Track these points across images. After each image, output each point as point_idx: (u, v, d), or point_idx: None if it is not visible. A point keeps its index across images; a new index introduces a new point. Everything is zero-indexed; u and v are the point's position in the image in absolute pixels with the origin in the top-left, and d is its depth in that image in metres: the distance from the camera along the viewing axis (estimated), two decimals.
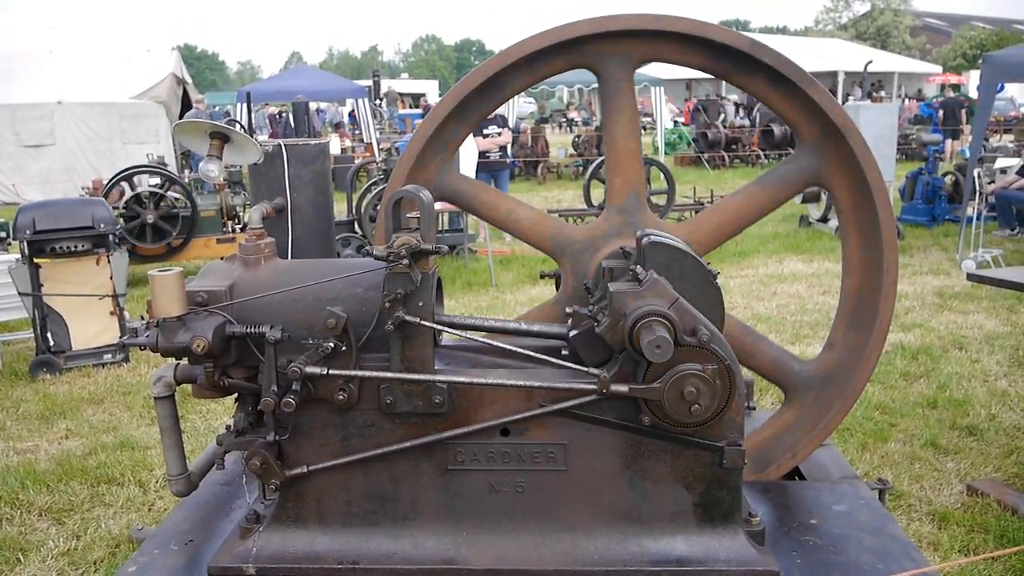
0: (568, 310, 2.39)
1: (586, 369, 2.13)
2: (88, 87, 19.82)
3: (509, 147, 15.08)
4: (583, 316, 2.27)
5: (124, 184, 11.24)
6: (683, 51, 2.73)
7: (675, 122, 27.89)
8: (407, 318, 2.10)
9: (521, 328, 2.42)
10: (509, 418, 2.18)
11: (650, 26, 2.64)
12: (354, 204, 11.41)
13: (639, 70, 2.91)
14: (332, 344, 2.11)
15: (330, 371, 2.12)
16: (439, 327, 2.21)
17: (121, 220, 10.02)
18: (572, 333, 2.26)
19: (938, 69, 42.74)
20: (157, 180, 11.18)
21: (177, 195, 10.88)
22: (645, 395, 2.07)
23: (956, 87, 31.69)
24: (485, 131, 13.20)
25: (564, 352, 2.30)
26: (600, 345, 2.18)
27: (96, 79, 20.19)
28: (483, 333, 2.43)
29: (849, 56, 34.21)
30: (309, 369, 2.09)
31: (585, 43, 2.69)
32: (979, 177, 11.60)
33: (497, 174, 13.61)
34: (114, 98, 19.60)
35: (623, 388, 2.08)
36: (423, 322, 2.12)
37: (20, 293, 7.36)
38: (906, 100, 34.32)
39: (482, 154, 13.12)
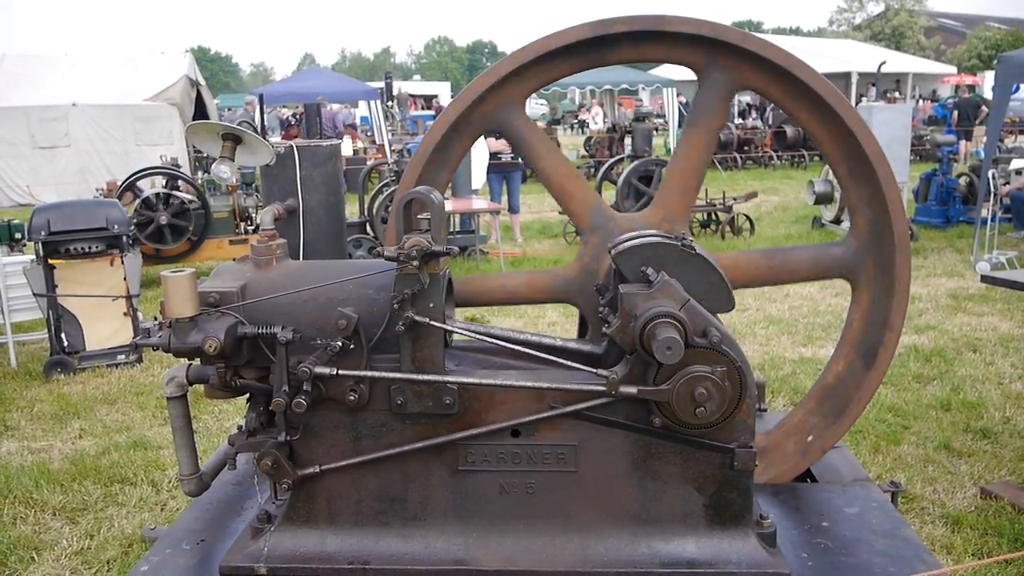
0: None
1: (595, 371, 2.13)
2: (102, 89, 19.94)
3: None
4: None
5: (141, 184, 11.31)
6: (778, 90, 2.74)
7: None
8: (417, 319, 2.11)
9: (556, 346, 2.42)
10: (519, 420, 2.18)
11: (780, 61, 2.64)
12: (366, 205, 11.44)
13: (651, 71, 2.92)
14: (340, 343, 2.12)
15: (341, 372, 2.13)
16: (449, 328, 2.21)
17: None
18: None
19: (953, 70, 42.46)
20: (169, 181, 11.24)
21: (189, 196, 10.91)
22: (654, 397, 2.07)
23: (971, 88, 31.50)
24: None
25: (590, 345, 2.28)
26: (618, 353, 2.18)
27: (110, 81, 20.32)
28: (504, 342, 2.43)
29: (862, 57, 34.00)
30: (319, 369, 2.10)
31: (719, 47, 2.69)
32: (994, 178, 11.52)
33: (509, 175, 13.60)
34: (128, 100, 19.71)
35: (632, 390, 2.08)
36: (433, 323, 2.13)
37: (35, 294, 7.41)
38: (920, 101, 34.14)
39: (493, 155, 13.12)
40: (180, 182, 11.24)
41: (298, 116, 27.02)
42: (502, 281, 2.96)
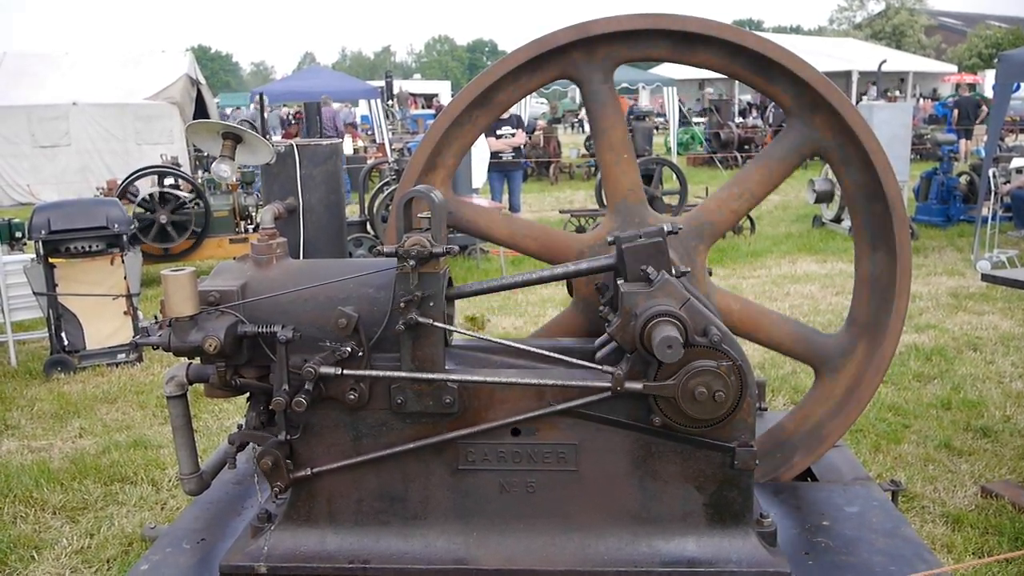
0: (609, 239, 2.30)
1: (599, 367, 2.13)
2: (103, 88, 19.94)
3: (522, 147, 15.06)
4: (626, 239, 2.23)
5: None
6: (644, 47, 2.73)
7: (689, 121, 27.77)
8: (419, 319, 2.11)
9: (568, 270, 2.43)
10: (520, 416, 2.18)
11: (617, 27, 2.64)
12: (366, 204, 11.43)
13: (652, 70, 2.91)
14: (349, 349, 2.12)
15: (348, 372, 2.13)
16: (450, 327, 2.21)
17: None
18: (610, 238, 2.25)
19: (953, 68, 42.46)
20: (170, 180, 11.24)
21: (188, 195, 10.90)
22: (660, 392, 2.06)
23: (971, 87, 31.49)
24: (499, 131, 13.19)
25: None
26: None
27: (111, 80, 20.31)
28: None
29: (863, 56, 34.00)
30: (324, 369, 2.10)
31: (563, 54, 2.69)
32: (994, 177, 11.51)
33: (510, 174, 13.60)
34: (128, 99, 19.71)
35: (637, 386, 2.08)
36: (434, 322, 2.13)
37: (35, 293, 7.40)
38: (921, 100, 34.13)
39: (495, 154, 13.12)
40: (174, 179, 11.22)
41: (294, 116, 27.00)
42: (516, 228, 2.93)
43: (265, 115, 16.23)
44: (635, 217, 2.77)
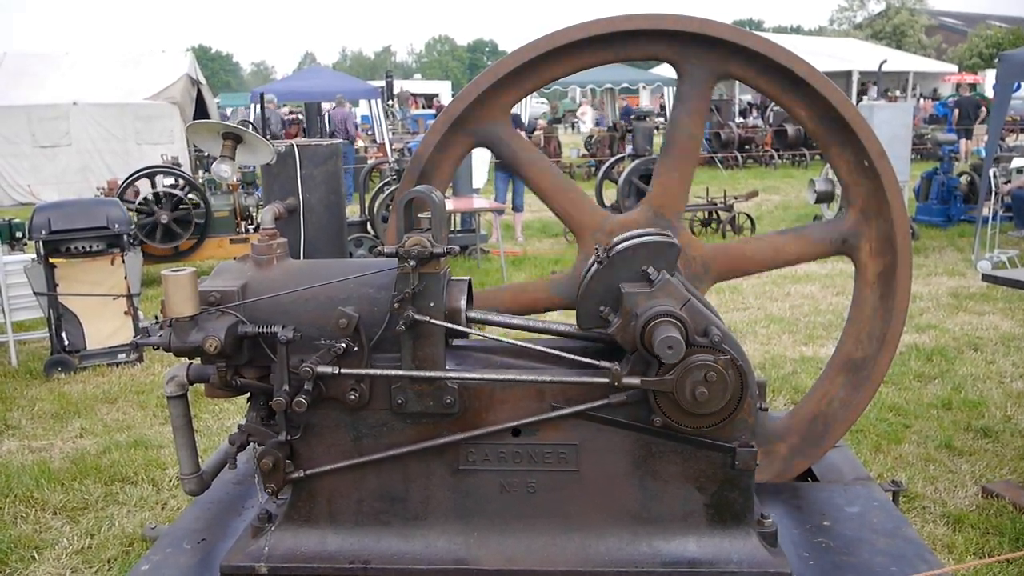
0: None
1: (597, 363, 2.13)
2: (103, 88, 19.95)
3: None
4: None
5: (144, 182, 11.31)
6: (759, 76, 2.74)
7: None
8: (418, 317, 2.11)
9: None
10: (521, 421, 2.18)
11: (758, 48, 2.64)
12: (366, 204, 11.44)
13: (652, 70, 2.91)
14: (344, 344, 2.12)
15: (342, 370, 2.13)
16: (449, 326, 2.21)
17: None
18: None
19: (954, 68, 42.44)
20: (172, 180, 11.24)
21: (190, 195, 10.91)
22: (657, 387, 2.06)
23: (972, 86, 31.48)
24: None
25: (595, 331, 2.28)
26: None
27: (111, 80, 20.33)
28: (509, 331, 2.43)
29: (863, 56, 34.00)
30: (321, 369, 2.09)
31: (690, 41, 2.68)
32: (995, 177, 11.51)
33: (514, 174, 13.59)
34: (129, 99, 19.72)
35: (635, 381, 2.07)
36: (433, 321, 2.13)
37: (35, 293, 7.41)
38: (921, 100, 34.11)
39: None
40: (175, 180, 11.22)
41: (288, 118, 27.03)
42: (525, 295, 2.94)
43: (261, 115, 16.21)
44: (663, 223, 2.78)
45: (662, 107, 29.29)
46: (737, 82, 23.56)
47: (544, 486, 2.22)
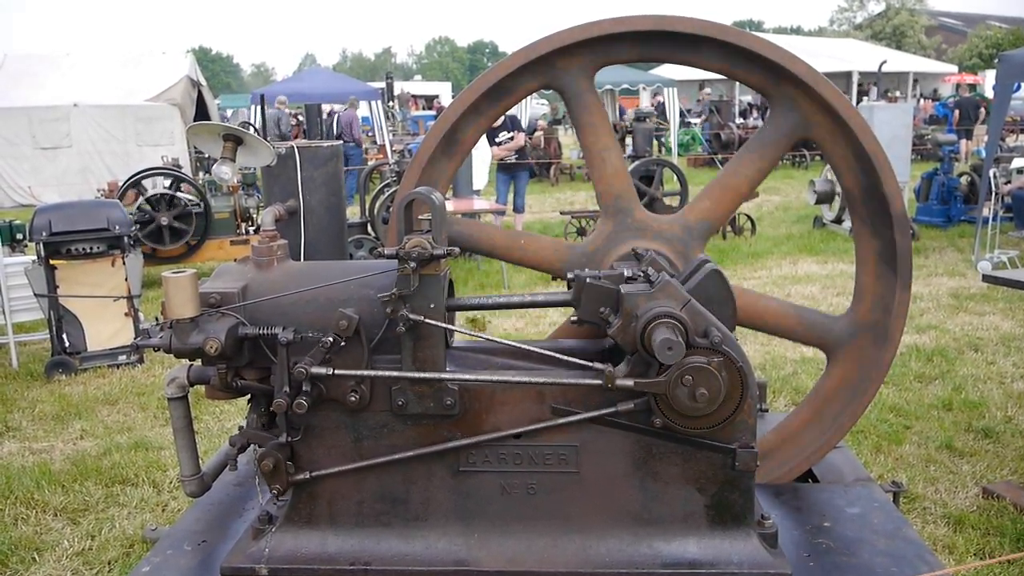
0: (569, 275, 2.34)
1: (592, 364, 2.13)
2: (104, 89, 19.97)
3: (526, 147, 15.09)
4: (584, 279, 2.24)
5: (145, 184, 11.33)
6: (632, 49, 2.74)
7: (688, 123, 27.77)
8: (416, 318, 2.11)
9: (525, 300, 2.46)
10: (522, 429, 2.18)
11: (599, 32, 2.64)
12: (367, 206, 11.44)
13: (652, 71, 2.91)
14: (332, 339, 2.11)
15: (342, 372, 2.13)
16: (450, 328, 2.21)
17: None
18: (571, 275, 2.26)
19: (954, 69, 42.44)
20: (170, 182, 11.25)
21: (190, 196, 10.91)
22: (650, 389, 2.06)
23: (972, 87, 31.48)
24: (497, 138, 13.20)
25: (573, 315, 2.29)
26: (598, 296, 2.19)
27: (111, 82, 20.35)
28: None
29: (863, 56, 34.01)
30: (315, 369, 2.10)
31: (551, 59, 2.70)
32: (995, 177, 11.51)
33: (516, 175, 13.61)
34: (129, 100, 19.74)
35: (628, 382, 2.07)
36: (433, 323, 2.13)
37: (36, 294, 7.41)
38: (921, 100, 34.10)
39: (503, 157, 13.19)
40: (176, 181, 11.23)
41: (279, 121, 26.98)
42: (523, 240, 2.94)
43: (261, 117, 16.22)
44: (628, 219, 2.78)
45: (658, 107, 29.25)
46: (737, 83, 23.57)
47: (544, 487, 2.22)
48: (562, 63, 2.73)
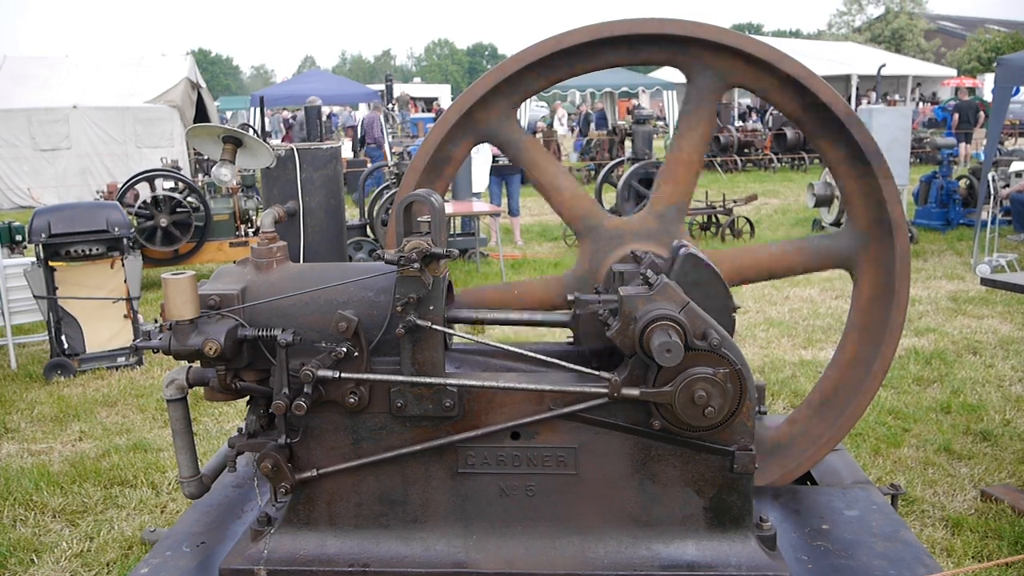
0: (570, 297, 2.37)
1: (597, 373, 2.13)
2: (103, 91, 19.99)
3: None
4: (585, 303, 2.26)
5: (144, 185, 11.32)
6: (778, 94, 2.73)
7: None
8: (418, 322, 2.11)
9: (524, 318, 2.43)
10: (519, 421, 2.18)
11: (763, 55, 2.64)
12: (366, 208, 11.44)
13: (651, 74, 2.92)
14: (345, 349, 2.12)
15: (342, 374, 2.13)
16: (450, 331, 2.22)
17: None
18: (575, 311, 2.26)
19: (953, 72, 42.51)
20: (171, 184, 11.25)
21: (189, 198, 10.91)
22: (656, 399, 2.07)
23: (971, 90, 31.52)
24: None
25: (569, 337, 2.31)
26: (599, 329, 2.19)
27: (111, 83, 20.36)
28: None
29: (862, 60, 34.08)
30: (321, 372, 2.10)
31: (693, 46, 2.69)
32: (994, 181, 11.52)
33: (508, 178, 13.61)
34: (129, 102, 19.75)
35: (634, 392, 2.08)
36: (434, 326, 2.13)
37: (35, 296, 7.41)
38: (920, 103, 34.15)
39: (492, 157, 13.15)
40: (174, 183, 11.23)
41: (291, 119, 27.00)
42: (557, 171, 2.90)
43: (261, 118, 16.24)
44: (668, 227, 2.78)
45: (661, 110, 29.27)
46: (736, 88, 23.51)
47: (543, 489, 2.22)
48: (481, 116, 2.77)
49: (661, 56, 2.76)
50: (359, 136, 18.88)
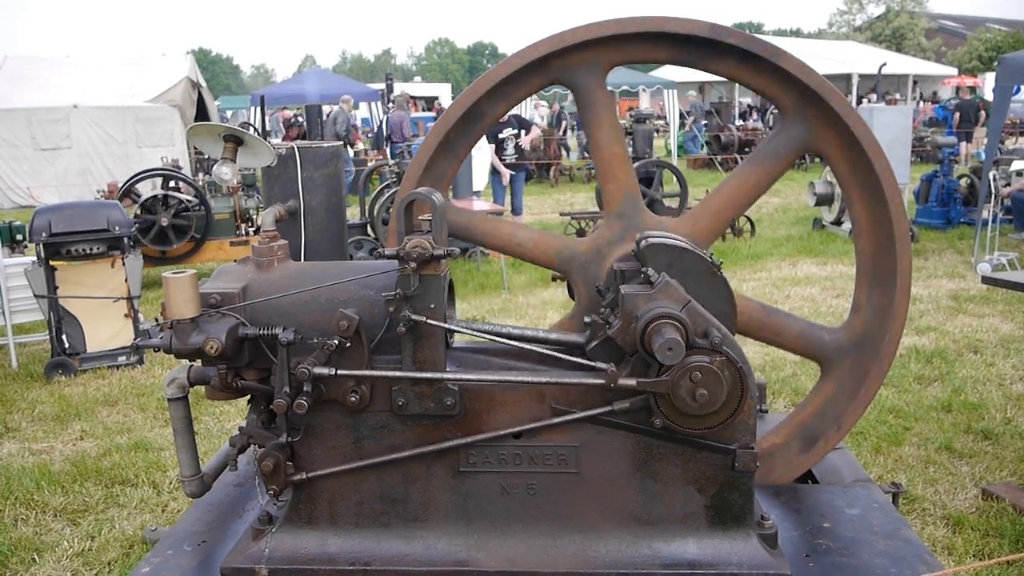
0: (587, 319, 2.37)
1: (594, 364, 2.13)
2: (103, 91, 20.00)
3: (528, 146, 15.10)
4: (602, 325, 2.26)
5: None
6: (648, 49, 2.72)
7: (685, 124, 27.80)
8: (417, 319, 2.11)
9: (539, 336, 2.42)
10: (523, 428, 2.18)
11: (610, 32, 2.63)
12: (367, 207, 11.44)
13: (652, 72, 2.90)
14: (337, 341, 2.12)
15: (342, 372, 2.13)
16: (450, 328, 2.22)
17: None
18: (590, 346, 2.25)
19: (953, 71, 42.51)
20: (171, 183, 11.25)
21: (189, 197, 10.91)
22: (652, 389, 2.06)
23: (972, 89, 31.51)
24: (500, 134, 13.19)
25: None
26: (617, 351, 2.17)
27: (111, 83, 20.37)
28: (498, 337, 2.43)
29: (863, 59, 34.09)
30: (317, 370, 2.10)
31: (551, 61, 2.70)
32: (994, 180, 11.51)
33: (513, 177, 13.61)
34: (129, 102, 19.76)
35: (631, 382, 2.08)
36: (433, 323, 2.13)
37: (36, 295, 7.41)
38: (921, 102, 34.14)
39: (499, 153, 13.18)
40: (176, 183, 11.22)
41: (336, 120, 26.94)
42: (513, 230, 2.92)
43: (261, 118, 16.23)
44: (633, 221, 2.77)
45: (661, 109, 29.21)
46: (737, 85, 23.56)
47: (544, 488, 2.22)
48: (575, 59, 2.71)
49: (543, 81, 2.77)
50: (385, 136, 18.86)
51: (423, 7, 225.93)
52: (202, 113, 21.00)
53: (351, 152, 20.22)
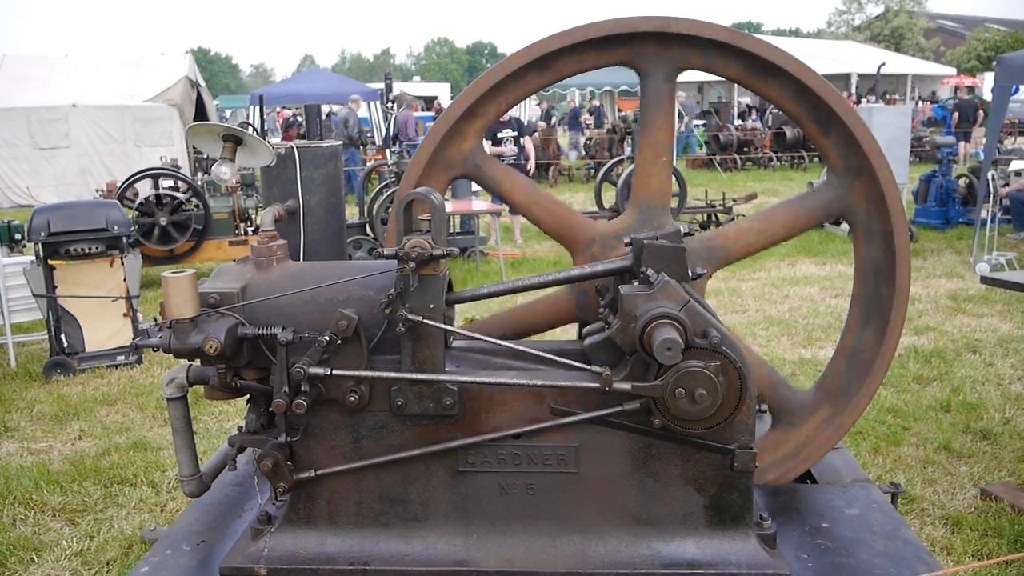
0: (626, 240, 2.34)
1: (591, 368, 2.13)
2: (102, 90, 19.98)
3: (530, 150, 15.10)
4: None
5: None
6: (724, 64, 2.69)
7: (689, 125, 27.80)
8: (416, 319, 2.11)
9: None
10: (521, 430, 2.18)
11: (705, 34, 2.59)
12: (366, 207, 11.44)
13: None
14: (328, 337, 2.11)
15: (341, 372, 2.13)
16: (448, 328, 2.21)
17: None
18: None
19: (952, 71, 42.51)
20: (171, 183, 11.24)
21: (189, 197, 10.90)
22: (647, 393, 2.06)
23: (970, 89, 31.52)
24: (499, 134, 13.19)
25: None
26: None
27: (110, 82, 20.35)
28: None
29: (862, 58, 34.11)
30: (313, 370, 2.10)
31: (625, 41, 2.65)
32: (993, 179, 11.53)
33: None
34: (128, 101, 19.74)
35: (626, 386, 2.08)
36: (432, 323, 2.13)
37: (34, 295, 7.41)
38: (920, 102, 34.14)
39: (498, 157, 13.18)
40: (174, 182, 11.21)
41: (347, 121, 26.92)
42: (532, 193, 2.92)
43: (260, 118, 16.22)
44: (655, 220, 2.76)
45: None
46: (736, 85, 23.54)
47: (544, 488, 2.22)
48: (651, 47, 2.67)
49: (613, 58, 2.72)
50: (392, 136, 18.87)
51: (422, 7, 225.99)
52: (201, 113, 20.98)
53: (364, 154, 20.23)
